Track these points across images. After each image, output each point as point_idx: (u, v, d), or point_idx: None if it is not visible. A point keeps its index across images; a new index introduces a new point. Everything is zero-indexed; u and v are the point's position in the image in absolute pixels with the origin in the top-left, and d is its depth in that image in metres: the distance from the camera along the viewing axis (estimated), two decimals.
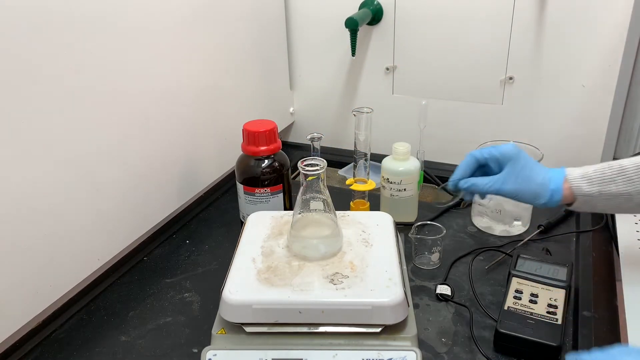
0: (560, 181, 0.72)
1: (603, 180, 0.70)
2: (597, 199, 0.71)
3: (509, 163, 0.72)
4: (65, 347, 0.72)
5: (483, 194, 0.74)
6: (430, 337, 0.71)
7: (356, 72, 1.23)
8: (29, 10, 0.64)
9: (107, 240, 0.82)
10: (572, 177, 0.72)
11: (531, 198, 0.72)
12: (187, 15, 0.92)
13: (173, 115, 0.92)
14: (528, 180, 0.72)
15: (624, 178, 0.69)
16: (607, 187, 0.70)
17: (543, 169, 0.73)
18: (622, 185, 0.69)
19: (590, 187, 0.70)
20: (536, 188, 0.72)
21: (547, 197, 0.72)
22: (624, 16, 0.95)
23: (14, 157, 0.65)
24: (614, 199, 0.70)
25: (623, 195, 0.69)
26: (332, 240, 0.68)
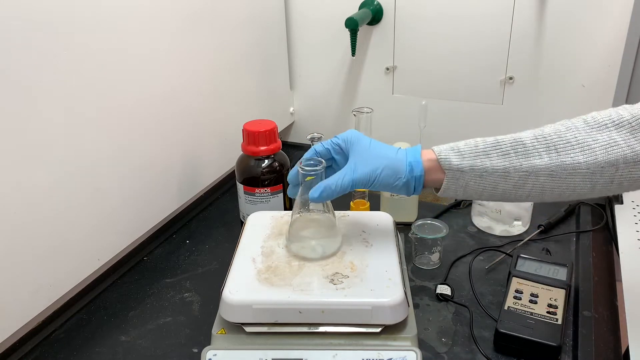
0: (417, 153, 0.64)
1: (475, 153, 0.61)
2: (468, 176, 0.62)
3: (353, 147, 0.65)
4: (65, 347, 0.72)
5: (339, 193, 0.64)
6: (430, 337, 0.71)
7: (356, 72, 1.23)
8: (29, 11, 0.64)
9: (107, 240, 0.82)
10: (440, 150, 0.63)
11: (389, 178, 0.63)
12: (188, 15, 0.92)
13: (173, 115, 0.92)
14: (379, 157, 0.64)
15: (499, 151, 0.61)
16: (480, 160, 0.61)
17: (394, 147, 0.65)
18: (496, 159, 0.61)
19: (461, 159, 0.62)
20: (391, 164, 0.63)
21: (405, 172, 0.63)
22: (624, 16, 0.95)
23: (14, 158, 0.65)
24: (488, 177, 0.61)
25: (498, 171, 0.61)
26: (331, 241, 0.68)
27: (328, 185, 0.63)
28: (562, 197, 0.62)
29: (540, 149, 0.60)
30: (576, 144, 0.59)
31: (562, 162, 0.59)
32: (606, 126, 0.59)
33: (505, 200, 0.65)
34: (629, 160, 0.58)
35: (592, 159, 0.59)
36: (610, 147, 0.58)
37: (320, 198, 0.63)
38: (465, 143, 0.63)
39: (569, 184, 0.60)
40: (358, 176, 0.63)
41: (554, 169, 0.60)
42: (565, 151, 0.59)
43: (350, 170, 0.63)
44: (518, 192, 0.62)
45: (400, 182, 0.63)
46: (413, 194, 0.65)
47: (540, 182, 0.61)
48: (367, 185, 0.64)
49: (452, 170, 0.62)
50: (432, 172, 0.63)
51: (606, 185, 0.60)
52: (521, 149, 0.61)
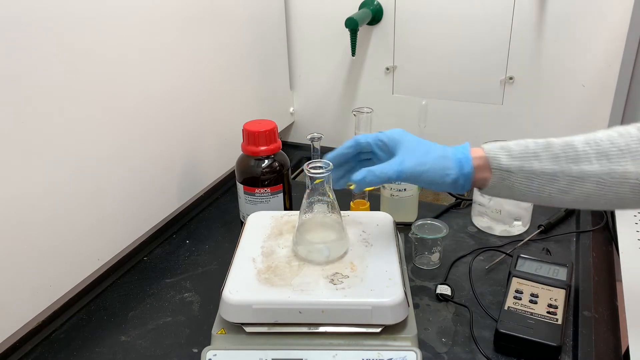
0: (466, 150, 0.63)
1: (525, 154, 0.60)
2: (516, 177, 0.60)
3: (400, 144, 0.64)
4: (65, 347, 0.72)
5: (382, 181, 0.62)
6: (430, 337, 0.71)
7: (356, 72, 1.23)
8: (29, 11, 0.64)
9: (107, 240, 0.82)
10: (489, 148, 0.62)
11: (438, 174, 0.62)
12: (188, 16, 0.92)
13: (173, 115, 0.92)
14: (427, 154, 0.62)
15: (549, 154, 0.59)
16: (529, 162, 0.60)
17: (442, 145, 0.64)
18: (546, 162, 0.59)
19: (510, 160, 0.60)
20: (440, 161, 0.62)
21: (455, 169, 0.61)
22: (624, 16, 0.95)
23: (14, 158, 0.65)
24: (536, 179, 0.60)
25: (547, 174, 0.59)
26: (339, 244, 0.68)
27: (372, 171, 0.62)
28: (607, 205, 0.61)
29: (591, 154, 0.58)
30: (628, 153, 0.57)
31: (612, 170, 0.58)
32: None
33: (550, 205, 0.64)
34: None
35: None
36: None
37: (363, 182, 0.62)
38: (516, 143, 0.61)
39: (616, 194, 0.59)
40: (405, 168, 0.61)
41: (603, 176, 0.58)
42: (617, 159, 0.58)
43: (397, 162, 0.62)
44: (564, 197, 0.61)
45: (448, 179, 0.62)
46: (460, 191, 0.63)
47: (586, 188, 0.59)
48: (413, 180, 0.62)
49: (501, 170, 0.61)
50: (479, 170, 0.62)
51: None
52: (572, 153, 0.59)
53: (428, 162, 0.62)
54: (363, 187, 0.63)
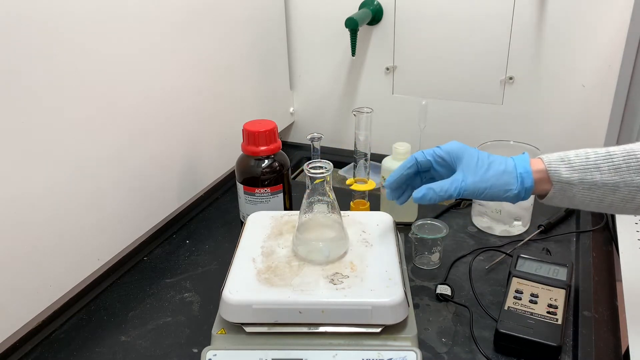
0: (526, 163, 0.63)
1: (586, 166, 0.60)
2: (576, 188, 0.60)
3: (461, 160, 0.64)
4: (65, 347, 0.72)
5: (442, 198, 0.63)
6: (430, 337, 0.71)
7: (356, 72, 1.23)
8: (29, 11, 0.64)
9: (107, 240, 0.82)
10: (549, 161, 0.62)
11: (500, 190, 0.62)
12: (188, 16, 0.92)
13: (173, 115, 0.92)
14: (489, 170, 0.62)
15: (610, 165, 0.59)
16: (590, 174, 0.59)
17: (501, 157, 0.64)
18: (607, 174, 0.59)
19: (571, 172, 0.60)
20: (502, 176, 0.62)
21: (517, 184, 0.62)
22: (624, 16, 0.95)
23: (14, 158, 0.65)
24: (597, 190, 0.60)
25: (608, 185, 0.59)
26: (339, 244, 0.68)
27: (432, 188, 0.63)
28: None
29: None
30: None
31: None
32: None
33: (612, 212, 0.64)
34: None
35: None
36: None
37: (423, 199, 0.63)
38: (576, 154, 0.61)
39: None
40: (466, 186, 0.62)
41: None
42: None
43: (459, 179, 0.63)
44: (626, 205, 0.61)
45: (510, 194, 0.62)
46: (517, 201, 0.64)
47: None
48: (475, 196, 0.63)
49: (561, 182, 0.61)
50: (539, 183, 0.62)
51: None
52: (634, 163, 0.59)
53: (490, 179, 0.62)
54: (423, 202, 0.64)
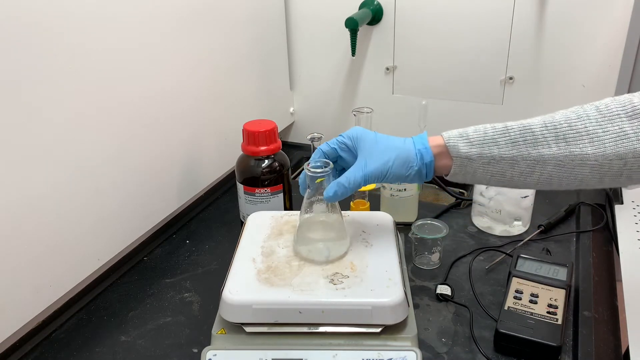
0: (424, 140, 0.64)
1: (484, 141, 0.61)
2: (476, 163, 0.61)
3: (360, 144, 0.65)
4: (65, 347, 0.72)
5: (352, 190, 0.64)
6: (430, 337, 0.71)
7: (356, 72, 1.23)
8: (28, 11, 0.64)
9: (107, 240, 0.82)
10: (449, 136, 0.63)
11: (402, 169, 0.63)
12: (188, 15, 0.92)
13: (173, 115, 0.92)
14: (388, 150, 0.63)
15: (507, 139, 0.60)
16: (488, 148, 0.61)
17: (399, 138, 0.65)
18: (505, 148, 0.60)
19: (469, 147, 0.61)
20: (401, 154, 0.63)
21: (417, 160, 0.63)
22: (624, 16, 0.95)
23: (14, 158, 0.65)
24: (497, 165, 0.61)
25: (506, 159, 0.60)
26: (339, 243, 0.68)
27: (341, 183, 0.63)
28: (570, 186, 0.62)
29: (549, 137, 0.59)
30: (586, 134, 0.58)
31: (570, 153, 0.58)
32: (618, 116, 0.58)
33: (515, 187, 0.65)
34: (637, 154, 0.57)
35: (600, 151, 0.57)
36: (620, 139, 0.57)
37: (335, 196, 0.64)
38: (475, 129, 0.62)
39: (576, 175, 0.60)
40: (370, 171, 0.63)
41: (562, 159, 0.59)
42: (574, 141, 0.58)
43: (361, 166, 0.63)
44: (526, 180, 0.62)
45: (412, 171, 0.63)
46: (426, 180, 0.65)
47: (547, 171, 0.60)
48: (380, 179, 0.64)
49: (460, 157, 0.62)
50: (440, 158, 0.63)
51: (614, 177, 0.59)
52: (530, 137, 0.60)
53: (390, 160, 0.63)
54: (337, 200, 0.65)
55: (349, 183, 0.63)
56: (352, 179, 0.63)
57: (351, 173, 0.63)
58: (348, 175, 0.63)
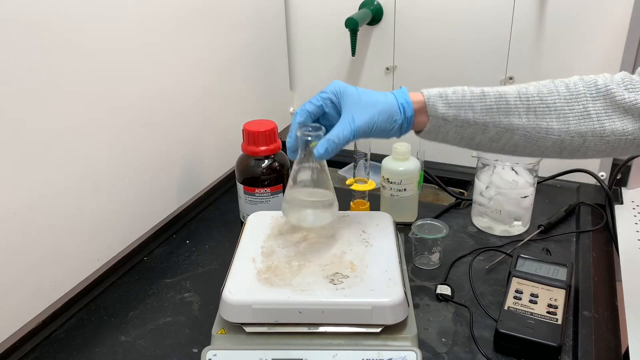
0: (405, 94, 0.65)
1: (461, 104, 0.63)
2: (450, 125, 0.64)
3: (345, 98, 0.65)
4: (65, 347, 0.72)
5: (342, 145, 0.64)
6: (430, 337, 0.71)
7: (356, 72, 1.23)
8: (29, 11, 0.64)
9: (107, 240, 0.82)
10: (429, 95, 0.64)
11: (387, 123, 0.64)
12: (187, 15, 0.92)
13: (173, 115, 0.92)
14: (373, 104, 0.64)
15: (483, 105, 0.63)
16: (464, 111, 0.63)
17: (380, 92, 0.66)
18: (479, 113, 0.63)
19: (447, 108, 0.63)
20: (386, 108, 0.64)
21: (400, 115, 0.64)
22: (624, 16, 0.95)
23: (14, 158, 0.65)
24: (469, 128, 0.64)
25: (479, 124, 0.63)
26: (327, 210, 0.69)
27: (330, 140, 0.63)
28: (531, 155, 0.66)
29: (521, 108, 0.63)
30: (554, 110, 0.63)
31: (537, 125, 0.63)
32: (585, 96, 0.62)
33: (480, 150, 0.69)
34: (596, 133, 0.62)
35: (564, 127, 0.62)
36: (583, 118, 0.62)
37: (326, 153, 0.64)
38: (454, 91, 0.64)
39: (539, 146, 0.64)
40: (358, 125, 0.63)
41: (529, 130, 0.63)
42: (542, 115, 0.63)
43: (348, 121, 0.63)
44: (492, 145, 0.66)
45: (395, 125, 0.65)
46: (400, 135, 0.67)
47: (514, 139, 0.64)
48: (367, 134, 0.64)
49: (437, 117, 0.64)
50: (418, 114, 0.65)
51: (573, 152, 0.64)
52: (504, 105, 0.63)
53: (375, 114, 0.64)
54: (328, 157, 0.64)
55: (339, 139, 0.63)
56: (342, 134, 0.63)
57: (339, 129, 0.63)
58: (337, 132, 0.63)
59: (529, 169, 0.90)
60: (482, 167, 0.92)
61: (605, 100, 0.62)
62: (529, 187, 0.90)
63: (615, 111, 0.62)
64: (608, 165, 1.06)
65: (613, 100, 0.61)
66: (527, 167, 0.90)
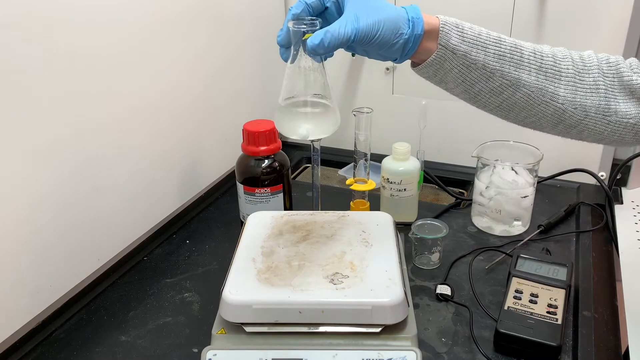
0: (417, 11, 0.59)
1: (476, 42, 0.58)
2: (456, 62, 0.59)
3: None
4: (65, 347, 0.72)
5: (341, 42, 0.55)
6: (430, 337, 0.71)
7: (356, 72, 1.23)
8: (29, 12, 0.64)
9: (107, 240, 0.82)
10: (445, 21, 0.59)
11: (391, 33, 0.57)
12: (187, 15, 0.92)
13: (173, 115, 0.92)
14: (380, 9, 0.57)
15: (496, 50, 0.58)
16: (476, 51, 0.58)
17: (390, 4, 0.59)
18: (491, 57, 0.58)
19: (460, 42, 0.58)
20: (393, 17, 0.57)
21: (408, 29, 0.57)
22: (624, 15, 0.95)
23: (14, 157, 0.65)
24: (474, 72, 0.59)
25: (487, 69, 0.59)
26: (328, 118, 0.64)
27: (330, 30, 0.55)
28: (524, 121, 0.63)
29: (533, 65, 0.60)
30: (565, 76, 0.60)
31: (544, 87, 0.60)
32: (598, 68, 0.60)
33: (471, 104, 0.64)
34: (600, 110, 0.60)
35: (571, 96, 0.60)
36: (591, 91, 0.60)
37: (322, 45, 0.55)
38: (471, 26, 0.59)
39: (537, 112, 0.61)
40: (361, 26, 0.55)
41: (534, 90, 0.60)
42: (552, 78, 0.60)
43: (352, 18, 0.56)
44: (490, 99, 0.61)
45: (400, 39, 0.58)
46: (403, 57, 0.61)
47: (515, 97, 0.60)
48: (368, 41, 0.57)
49: (447, 48, 0.58)
50: (427, 37, 0.58)
51: (568, 128, 0.62)
52: (517, 56, 0.59)
53: (382, 19, 0.56)
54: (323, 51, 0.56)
55: (338, 33, 0.55)
56: (343, 29, 0.55)
57: (342, 23, 0.55)
58: (338, 25, 0.55)
59: (529, 168, 0.90)
60: (482, 167, 0.92)
61: (614, 77, 0.60)
62: (529, 187, 0.90)
63: (621, 91, 0.60)
64: (608, 165, 1.06)
65: (621, 79, 0.60)
66: (527, 167, 0.90)
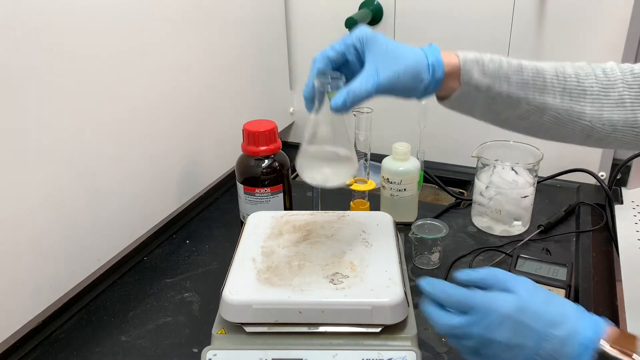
0: (437, 53, 0.59)
1: (498, 75, 0.58)
2: (481, 96, 0.59)
3: (370, 47, 0.58)
4: (65, 347, 0.72)
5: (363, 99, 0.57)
6: (430, 337, 0.71)
7: None
8: (29, 12, 0.64)
9: (107, 240, 0.82)
10: (465, 59, 0.59)
11: (412, 82, 0.58)
12: (188, 15, 0.92)
13: (173, 115, 0.92)
14: (400, 58, 0.58)
15: (519, 79, 0.58)
16: (499, 83, 0.58)
17: (410, 47, 0.60)
18: (514, 87, 0.58)
19: (482, 77, 0.58)
20: (414, 65, 0.57)
21: (428, 75, 0.58)
22: (624, 15, 0.95)
23: (14, 157, 0.65)
24: (500, 102, 0.59)
25: (512, 98, 0.59)
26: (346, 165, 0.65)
27: (351, 90, 0.56)
28: (554, 138, 0.63)
29: (557, 88, 0.59)
30: (590, 94, 0.59)
31: (570, 108, 0.59)
32: (622, 82, 0.59)
33: (503, 127, 0.64)
34: (628, 123, 0.59)
35: (598, 113, 0.59)
36: (617, 106, 0.59)
37: (344, 105, 0.56)
38: (491, 59, 0.59)
39: (566, 130, 0.61)
40: (382, 80, 0.56)
41: (561, 112, 0.60)
42: (577, 98, 0.59)
43: (372, 73, 0.57)
44: (518, 123, 0.62)
45: (422, 86, 0.58)
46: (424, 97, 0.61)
47: (542, 120, 0.60)
48: (389, 90, 0.58)
49: (469, 85, 0.59)
50: (449, 78, 0.59)
51: (598, 140, 0.61)
52: (540, 82, 0.59)
53: (401, 70, 0.57)
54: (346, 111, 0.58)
55: (360, 91, 0.56)
56: (364, 87, 0.56)
57: (362, 80, 0.56)
58: (359, 83, 0.56)
59: (529, 168, 0.90)
60: (482, 167, 0.92)
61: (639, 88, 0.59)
62: (528, 187, 0.90)
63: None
64: (608, 165, 1.06)
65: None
66: (527, 167, 0.90)
